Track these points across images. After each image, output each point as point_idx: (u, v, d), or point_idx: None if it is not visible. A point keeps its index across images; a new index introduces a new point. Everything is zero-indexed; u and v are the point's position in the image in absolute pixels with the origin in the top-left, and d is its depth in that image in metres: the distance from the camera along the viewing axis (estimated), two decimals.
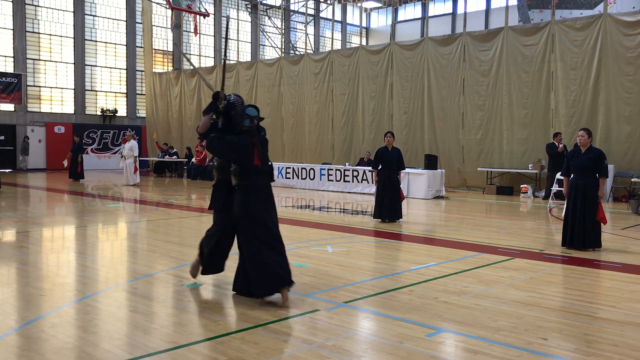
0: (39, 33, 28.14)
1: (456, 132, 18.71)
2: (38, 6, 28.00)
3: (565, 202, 8.29)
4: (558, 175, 14.29)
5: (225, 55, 6.17)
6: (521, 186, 16.75)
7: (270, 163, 5.60)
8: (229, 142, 5.40)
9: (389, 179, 10.85)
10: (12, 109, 27.44)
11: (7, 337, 4.35)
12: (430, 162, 16.24)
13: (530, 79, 17.09)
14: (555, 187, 13.95)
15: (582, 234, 8.01)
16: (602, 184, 7.99)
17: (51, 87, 28.88)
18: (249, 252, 5.36)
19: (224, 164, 5.61)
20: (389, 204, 10.79)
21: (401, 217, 11.00)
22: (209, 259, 5.84)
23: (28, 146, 27.45)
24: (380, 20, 43.87)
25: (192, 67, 15.11)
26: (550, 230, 10.43)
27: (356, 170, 17.63)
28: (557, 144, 15.35)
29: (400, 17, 42.12)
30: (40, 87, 28.47)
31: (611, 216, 12.06)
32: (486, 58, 17.96)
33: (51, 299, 5.47)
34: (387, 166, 10.89)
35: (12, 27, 27.17)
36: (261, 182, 5.46)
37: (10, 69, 27.18)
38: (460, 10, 38.65)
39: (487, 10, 37.34)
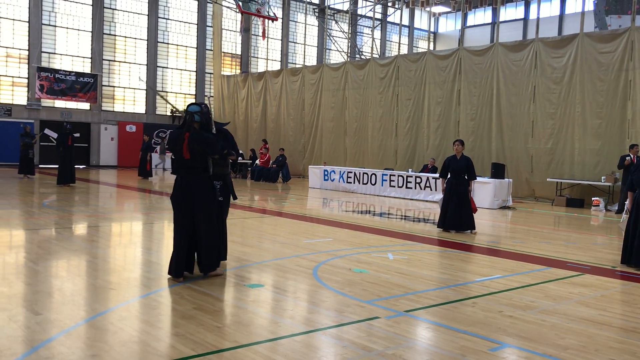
0: (115, 35, 29.33)
1: (525, 140, 18.17)
2: (115, 9, 29.19)
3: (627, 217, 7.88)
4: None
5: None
6: (592, 199, 16.08)
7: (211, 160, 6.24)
8: (169, 140, 6.28)
9: (455, 188, 10.50)
10: (88, 108, 28.71)
11: (79, 328, 4.53)
12: (497, 171, 15.84)
13: (606, 88, 16.40)
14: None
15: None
16: None
17: (124, 87, 30.02)
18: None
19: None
20: (452, 214, 10.44)
21: (472, 229, 10.49)
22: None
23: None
24: (449, 25, 43.26)
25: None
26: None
27: (419, 177, 17.41)
28: (632, 156, 14.63)
29: (470, 22, 41.39)
30: (114, 87, 29.66)
31: None
32: (559, 65, 17.36)
33: (119, 293, 5.66)
34: (455, 175, 10.55)
35: (90, 30, 28.44)
36: (183, 175, 6.12)
37: (87, 69, 28.46)
38: (532, 15, 37.61)
39: (561, 16, 36.16)
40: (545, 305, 5.65)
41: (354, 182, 19.32)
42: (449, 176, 10.64)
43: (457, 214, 10.40)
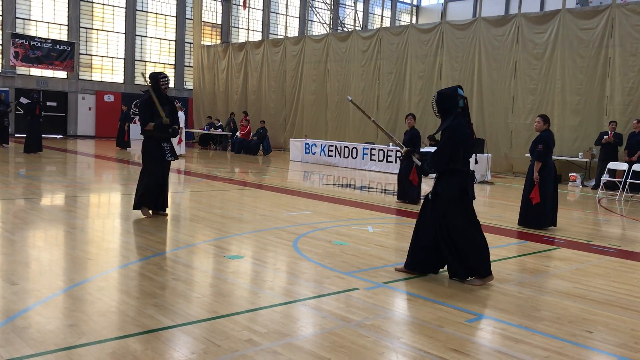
0: (92, 2, 28.64)
1: (505, 115, 18.26)
2: None
3: None
4: (610, 165, 13.86)
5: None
6: (570, 174, 16.30)
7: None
8: (463, 132, 5.40)
9: (402, 161, 11.33)
10: (65, 77, 28.13)
11: (56, 297, 4.49)
12: (477, 146, 15.87)
13: (586, 64, 16.49)
14: (605, 177, 13.53)
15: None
16: (536, 167, 8.47)
17: (102, 56, 29.44)
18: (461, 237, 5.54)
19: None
20: (399, 186, 11.16)
21: (409, 201, 10.80)
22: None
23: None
24: None
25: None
26: (599, 222, 10.13)
27: (400, 151, 17.41)
28: (610, 132, 14.80)
29: None
30: (92, 55, 29.07)
31: None
32: (540, 41, 17.39)
33: (97, 263, 5.62)
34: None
35: None
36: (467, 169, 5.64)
37: (64, 37, 27.82)
38: None
39: None
40: (521, 278, 5.74)
41: (335, 156, 19.30)
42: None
43: (400, 186, 11.07)
